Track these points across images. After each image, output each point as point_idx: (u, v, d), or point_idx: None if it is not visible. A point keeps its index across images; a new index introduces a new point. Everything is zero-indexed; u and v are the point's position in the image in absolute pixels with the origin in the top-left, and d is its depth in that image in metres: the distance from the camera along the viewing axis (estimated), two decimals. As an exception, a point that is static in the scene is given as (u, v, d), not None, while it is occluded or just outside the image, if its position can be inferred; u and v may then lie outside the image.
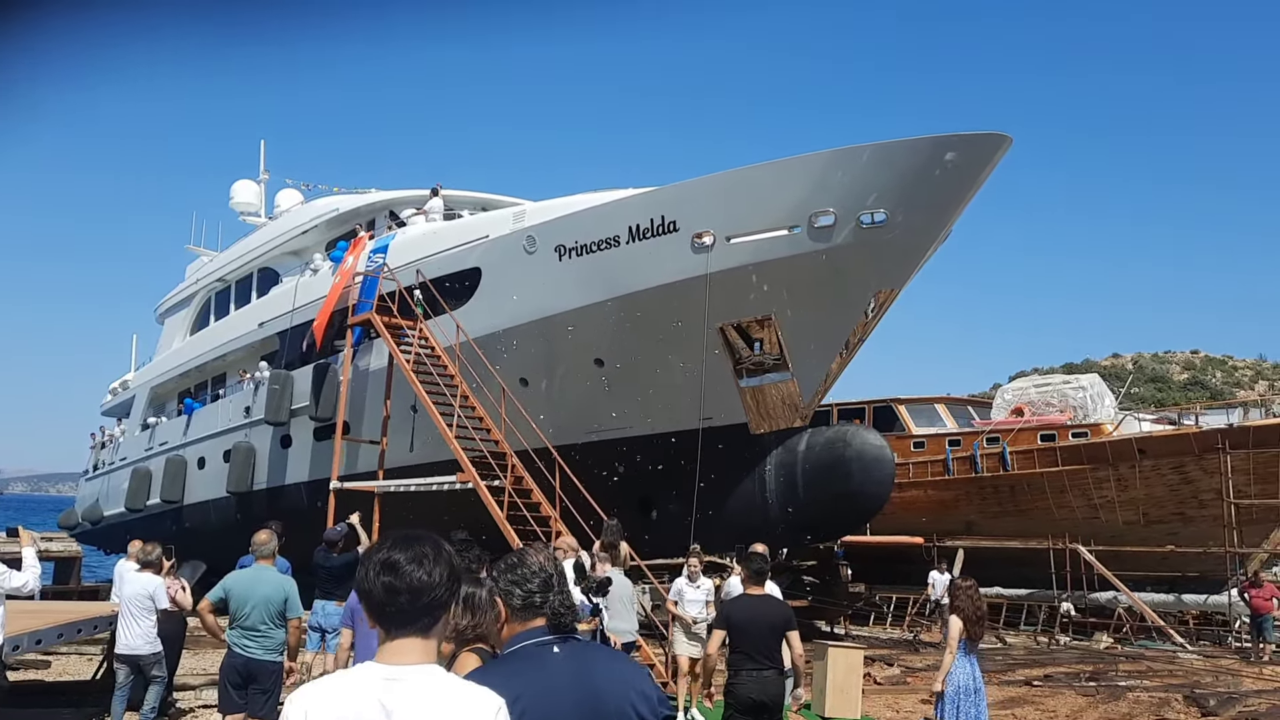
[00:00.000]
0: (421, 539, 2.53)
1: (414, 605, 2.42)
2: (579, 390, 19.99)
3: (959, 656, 8.33)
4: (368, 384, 22.47)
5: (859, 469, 18.88)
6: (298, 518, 22.06)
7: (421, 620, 2.44)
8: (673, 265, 17.93)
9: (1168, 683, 15.26)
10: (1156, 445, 23.72)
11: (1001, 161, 16.91)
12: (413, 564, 2.44)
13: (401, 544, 2.50)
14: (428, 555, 2.47)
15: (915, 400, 28.33)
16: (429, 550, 2.49)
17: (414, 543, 2.51)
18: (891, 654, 18.59)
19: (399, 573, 2.42)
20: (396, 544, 2.50)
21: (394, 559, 2.45)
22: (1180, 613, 23.65)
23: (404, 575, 2.42)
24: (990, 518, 25.53)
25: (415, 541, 2.51)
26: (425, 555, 2.47)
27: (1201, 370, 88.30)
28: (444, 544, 2.55)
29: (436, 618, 2.47)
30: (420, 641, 2.43)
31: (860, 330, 18.48)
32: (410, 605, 2.41)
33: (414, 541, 2.51)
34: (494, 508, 16.68)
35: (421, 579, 2.43)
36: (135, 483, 32.10)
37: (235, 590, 7.77)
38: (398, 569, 2.43)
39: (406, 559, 2.45)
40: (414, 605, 2.42)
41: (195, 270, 33.92)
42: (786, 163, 17.22)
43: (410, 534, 2.55)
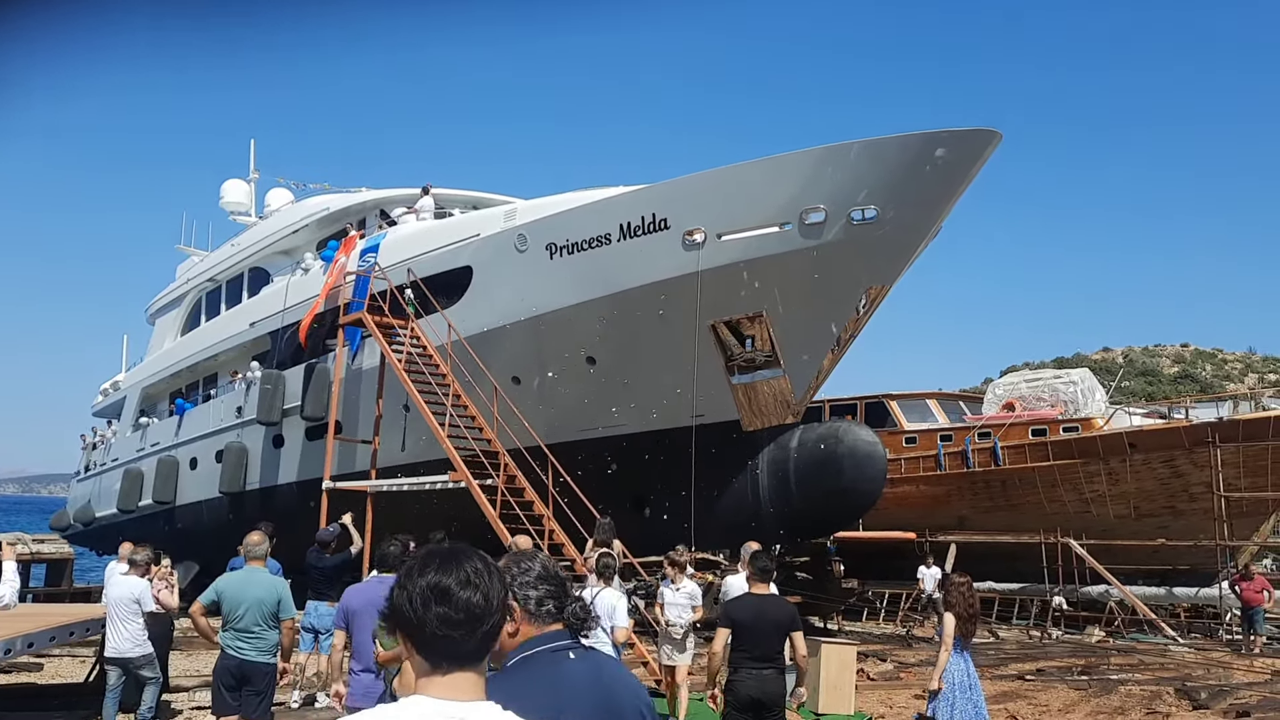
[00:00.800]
0: (467, 554, 2.20)
1: (473, 635, 2.11)
2: (571, 388, 19.99)
3: (953, 652, 8.35)
4: (360, 383, 22.43)
5: (851, 465, 18.92)
6: (290, 518, 22.05)
7: (480, 652, 2.14)
8: (664, 263, 17.95)
9: (1159, 676, 15.33)
10: (1147, 439, 23.80)
11: (992, 156, 16.96)
12: (466, 588, 2.11)
13: (447, 563, 2.15)
14: (481, 573, 2.15)
15: (907, 396, 28.36)
16: (480, 566, 2.17)
17: (460, 560, 2.17)
18: (885, 649, 18.63)
19: (452, 600, 2.09)
20: (443, 564, 2.15)
21: (444, 584, 2.11)
22: (1171, 606, 23.73)
23: (459, 602, 2.09)
24: (982, 512, 25.59)
25: (461, 558, 2.18)
26: (479, 573, 2.15)
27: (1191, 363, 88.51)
28: (488, 556, 2.23)
29: (492, 645, 2.18)
30: (475, 676, 2.13)
31: (852, 326, 18.52)
32: (469, 636, 2.10)
33: (460, 559, 2.18)
34: (487, 506, 16.68)
35: (479, 604, 2.11)
36: (127, 484, 32.03)
37: (228, 592, 7.76)
38: (450, 595, 2.09)
39: (458, 582, 2.12)
40: (473, 635, 2.11)
41: (186, 270, 33.83)
42: (777, 160, 17.24)
43: (452, 550, 2.23)
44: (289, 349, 25.33)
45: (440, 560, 2.17)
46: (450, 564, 2.15)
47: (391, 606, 2.16)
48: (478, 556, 2.20)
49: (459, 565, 2.15)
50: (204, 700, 11.85)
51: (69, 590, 24.50)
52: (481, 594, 2.12)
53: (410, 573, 2.16)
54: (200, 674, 14.24)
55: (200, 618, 7.88)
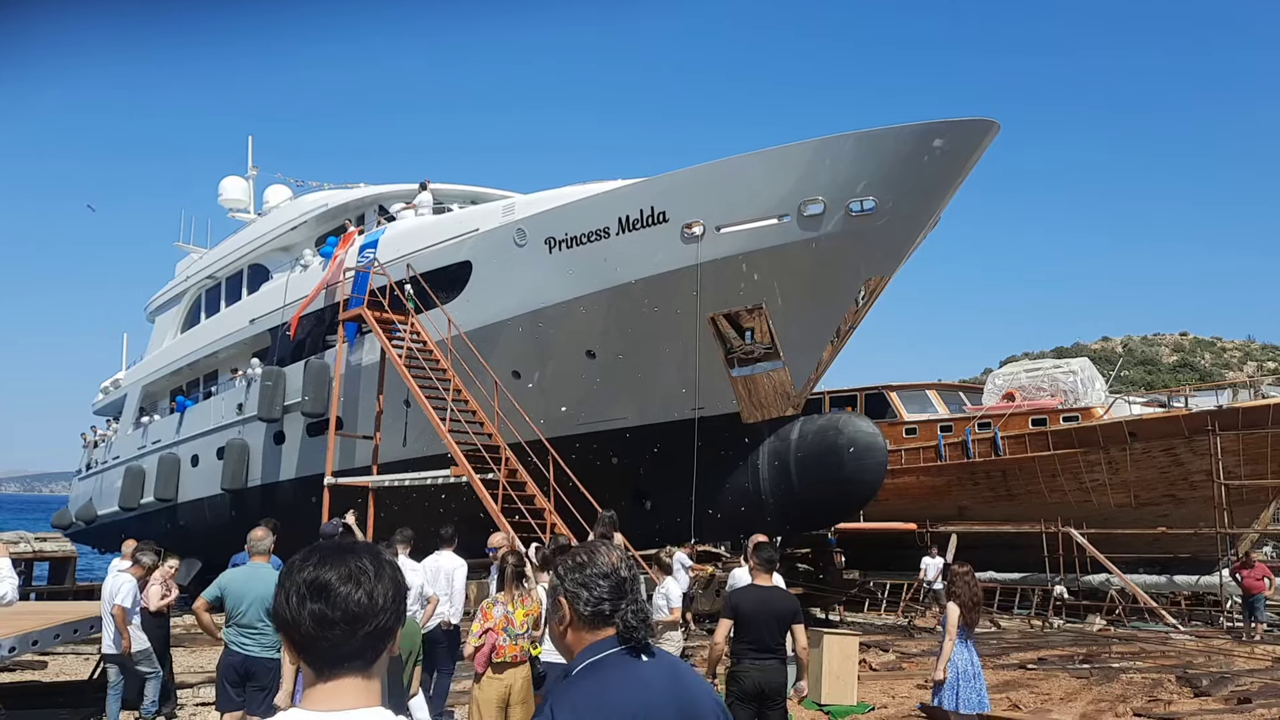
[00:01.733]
0: (355, 550, 2.00)
1: (353, 636, 1.90)
2: (571, 382, 20.01)
3: (957, 642, 8.37)
4: (360, 379, 22.46)
5: (851, 456, 18.95)
6: (292, 514, 22.08)
7: (363, 655, 1.92)
8: (663, 256, 17.96)
9: (1161, 664, 15.36)
10: (1147, 428, 23.82)
11: (990, 146, 16.96)
12: (348, 583, 1.91)
13: (330, 559, 1.95)
14: (366, 571, 1.94)
15: (907, 387, 28.37)
16: (367, 564, 1.95)
17: (346, 555, 1.96)
18: (887, 640, 18.67)
19: (331, 596, 1.89)
20: (324, 559, 1.95)
21: (323, 579, 1.91)
22: (1172, 594, 23.76)
23: (338, 599, 1.89)
24: (983, 503, 25.62)
25: (347, 554, 1.97)
26: (363, 571, 1.93)
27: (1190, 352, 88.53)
28: (383, 554, 2.03)
29: (380, 649, 1.96)
30: (362, 681, 1.93)
31: (851, 318, 18.54)
32: (348, 637, 1.89)
33: (346, 554, 1.97)
34: (488, 500, 16.72)
35: (361, 602, 1.90)
36: (129, 481, 32.07)
37: (231, 588, 7.79)
38: (329, 591, 1.90)
39: (339, 577, 1.91)
40: (353, 636, 1.90)
41: (185, 268, 33.84)
42: (775, 152, 17.24)
43: (341, 544, 2.03)
44: (289, 345, 25.37)
45: (323, 554, 1.97)
46: (334, 558, 1.95)
47: (273, 606, 1.98)
48: (370, 553, 2.00)
49: (343, 560, 1.95)
50: (208, 696, 11.90)
51: (72, 588, 24.55)
52: (365, 591, 1.91)
53: (291, 568, 1.98)
54: (204, 670, 14.28)
55: (204, 613, 7.91)
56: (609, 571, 2.66)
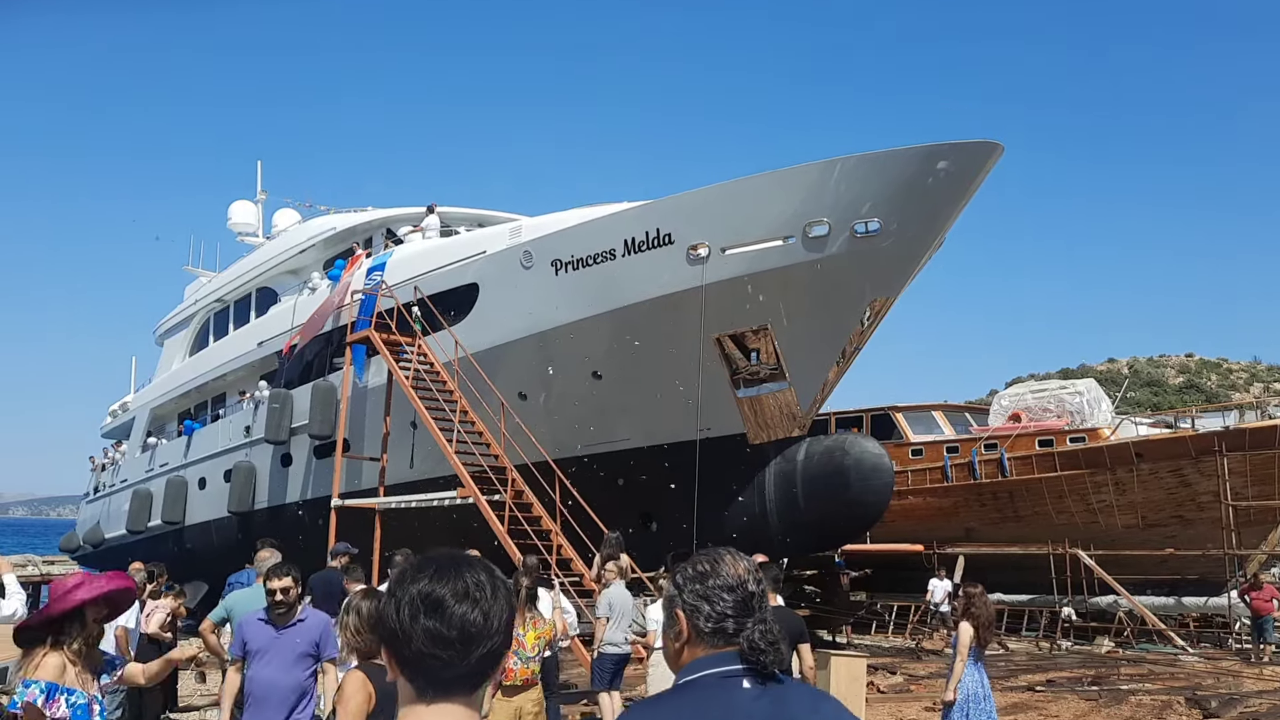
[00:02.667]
0: (471, 564, 1.88)
1: (465, 658, 1.79)
2: (577, 403, 20.06)
3: (968, 664, 8.32)
4: (367, 401, 22.53)
5: (858, 477, 18.92)
6: (299, 536, 22.12)
7: (472, 678, 1.82)
8: (668, 277, 18.02)
9: (1170, 685, 15.31)
10: (1154, 449, 23.77)
11: (994, 168, 17.03)
12: (464, 601, 1.80)
13: (445, 572, 1.84)
14: (482, 588, 1.83)
15: (912, 408, 28.36)
16: (483, 580, 1.85)
17: (461, 569, 1.86)
18: (894, 662, 18.62)
19: (445, 613, 1.78)
20: (439, 572, 1.84)
21: (438, 594, 1.80)
22: (1180, 616, 23.67)
23: (452, 617, 1.78)
24: (989, 524, 25.55)
25: (463, 568, 1.86)
26: (479, 588, 1.83)
27: (1196, 373, 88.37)
28: (496, 570, 1.92)
29: (490, 673, 1.85)
30: (464, 709, 1.82)
31: (856, 339, 18.57)
32: (460, 658, 1.78)
33: (461, 568, 1.86)
34: (495, 522, 16.74)
35: (476, 621, 1.79)
36: (136, 504, 32.13)
37: (237, 609, 7.82)
38: (443, 608, 1.78)
39: (454, 594, 1.80)
40: (465, 658, 1.79)
41: (194, 291, 34.03)
42: (780, 174, 17.33)
43: (454, 555, 1.91)
44: (296, 368, 25.47)
45: (437, 567, 1.86)
46: (448, 572, 1.84)
47: (378, 615, 1.88)
48: (483, 567, 1.90)
49: (458, 574, 1.84)
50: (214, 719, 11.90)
51: (79, 611, 24.52)
52: (481, 611, 1.80)
53: (402, 578, 1.87)
54: (210, 694, 14.29)
55: (210, 635, 7.93)
56: (735, 584, 2.37)
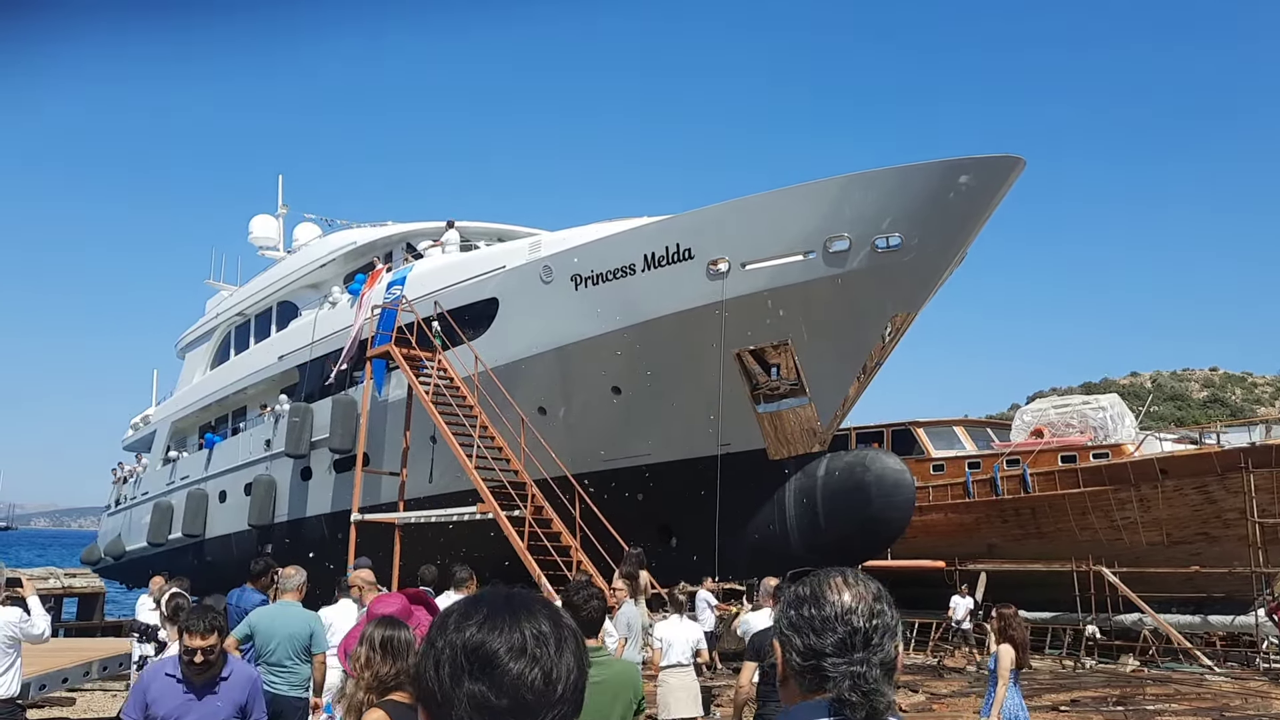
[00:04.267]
0: (530, 608, 1.48)
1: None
2: (597, 418, 20.03)
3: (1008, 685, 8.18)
4: (387, 415, 22.57)
5: (879, 493, 18.81)
6: (319, 550, 22.15)
7: None
8: (688, 292, 18.01)
9: (1196, 706, 15.10)
10: (1179, 465, 23.53)
11: (1016, 183, 16.96)
12: (520, 658, 1.41)
13: (499, 618, 1.45)
14: (544, 640, 1.44)
15: (934, 423, 28.19)
16: (545, 629, 1.45)
17: (519, 615, 1.46)
18: (916, 680, 18.44)
19: (497, 674, 1.40)
20: (492, 618, 1.45)
21: (489, 647, 1.42)
22: (1206, 634, 23.37)
23: (506, 680, 1.40)
24: (1012, 540, 25.32)
25: (520, 613, 1.47)
26: (541, 640, 1.44)
27: (1221, 387, 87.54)
28: (565, 616, 1.51)
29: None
30: None
31: (877, 354, 18.49)
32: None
33: (519, 613, 1.47)
34: (514, 538, 16.72)
35: (536, 685, 1.41)
36: (157, 517, 32.30)
37: (260, 626, 7.80)
38: (495, 667, 1.40)
39: (509, 648, 1.42)
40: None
41: (215, 305, 34.24)
42: (801, 189, 17.31)
43: (511, 597, 1.51)
44: (317, 381, 25.56)
45: (489, 610, 1.47)
46: (504, 618, 1.45)
47: (415, 671, 1.51)
48: (548, 612, 1.49)
49: (515, 622, 1.44)
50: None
51: (100, 624, 24.64)
52: (542, 671, 1.41)
53: (443, 624, 1.48)
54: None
55: (234, 651, 7.92)
56: (837, 615, 1.95)
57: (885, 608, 2.01)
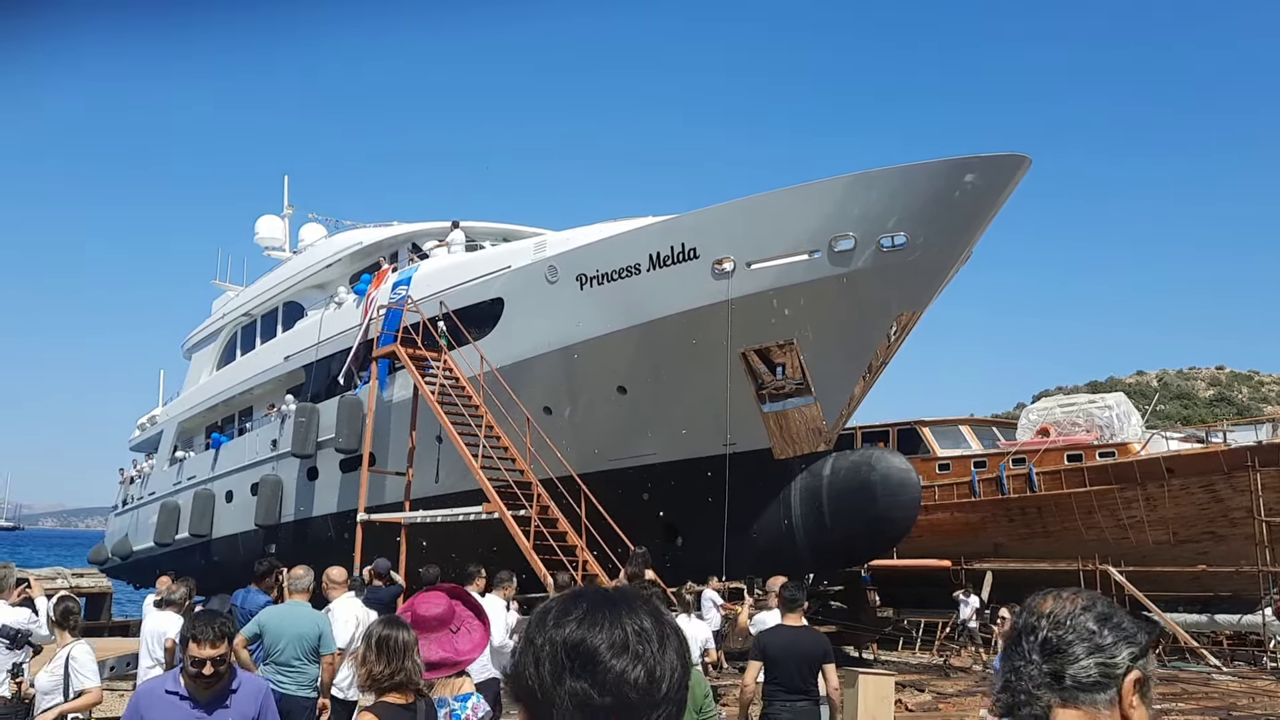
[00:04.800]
0: (632, 604, 1.45)
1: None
2: (602, 418, 20.05)
3: None
4: (393, 415, 22.60)
5: (884, 493, 18.80)
6: (325, 550, 22.18)
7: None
8: (694, 292, 18.01)
9: (1204, 705, 15.07)
10: (1185, 464, 23.49)
11: (1022, 181, 16.94)
12: (623, 655, 1.37)
13: (601, 613, 1.42)
14: (647, 637, 1.40)
15: (939, 422, 28.16)
16: (648, 626, 1.42)
17: (620, 611, 1.42)
18: (922, 679, 18.43)
19: (599, 671, 1.36)
20: (592, 614, 1.42)
21: (590, 644, 1.38)
22: (1213, 633, 23.33)
23: (609, 677, 1.36)
24: (1018, 539, 25.30)
25: (622, 609, 1.43)
26: (644, 637, 1.40)
27: (1227, 386, 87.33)
28: (666, 613, 1.48)
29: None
30: None
31: (883, 353, 18.48)
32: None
33: (620, 609, 1.43)
34: (520, 537, 16.74)
35: (639, 683, 1.37)
36: (164, 517, 32.37)
37: (269, 626, 7.82)
38: (596, 664, 1.37)
39: (611, 645, 1.38)
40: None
41: (221, 305, 34.31)
42: (806, 188, 17.31)
43: (612, 594, 1.47)
44: (323, 381, 25.61)
45: (589, 606, 1.43)
46: (603, 614, 1.41)
47: (513, 669, 1.45)
48: (649, 609, 1.45)
49: (617, 618, 1.41)
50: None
51: (108, 624, 24.68)
52: (645, 669, 1.37)
53: (542, 620, 1.45)
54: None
55: (243, 651, 7.94)
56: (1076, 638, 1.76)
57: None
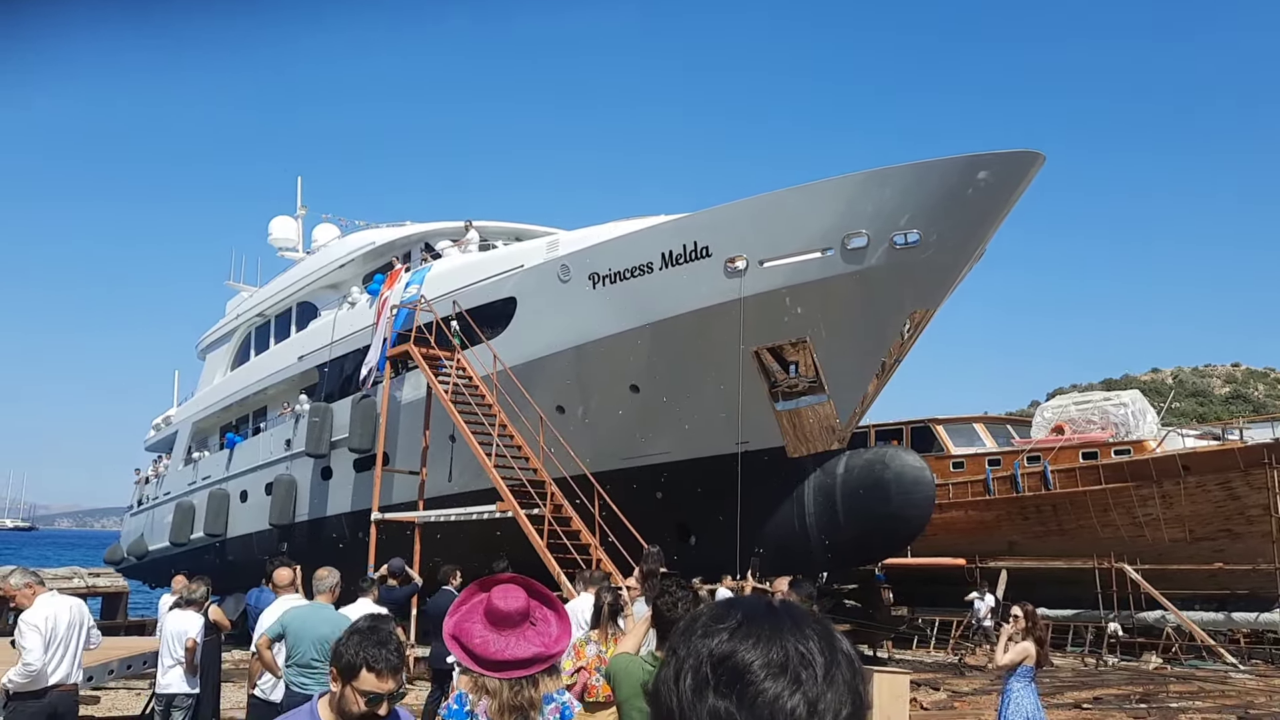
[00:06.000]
0: (798, 621, 1.24)
1: None
2: (615, 417, 20.04)
3: (1024, 684, 8.25)
4: (407, 415, 22.65)
5: (898, 491, 18.76)
6: (339, 549, 22.26)
7: None
8: (706, 290, 17.99)
9: (1221, 704, 14.99)
10: (1201, 461, 23.38)
11: (1035, 178, 16.86)
12: (780, 677, 1.17)
13: (758, 628, 1.21)
14: (810, 661, 1.19)
15: (953, 420, 28.09)
16: (813, 649, 1.20)
17: (782, 627, 1.22)
18: (937, 678, 18.38)
19: (748, 693, 1.16)
20: (747, 625, 1.22)
21: (743, 660, 1.18)
22: (1230, 631, 23.21)
23: (760, 702, 1.15)
24: (1033, 538, 25.22)
25: (784, 625, 1.22)
26: (806, 661, 1.19)
27: (1243, 383, 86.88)
28: (839, 636, 1.25)
29: None
30: None
31: (896, 351, 18.42)
32: None
33: (781, 625, 1.22)
34: (534, 536, 16.75)
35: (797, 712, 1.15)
36: (179, 517, 32.53)
37: (292, 626, 7.79)
38: (746, 683, 1.17)
39: (767, 664, 1.18)
40: None
41: (235, 306, 34.44)
42: (818, 185, 17.26)
43: (776, 607, 1.27)
44: (336, 381, 25.68)
45: (744, 617, 1.24)
46: (763, 628, 1.21)
47: (652, 684, 1.27)
48: (818, 629, 1.24)
49: (777, 634, 1.20)
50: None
51: (124, 623, 24.80)
52: (805, 698, 1.16)
53: (690, 629, 1.26)
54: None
55: (266, 650, 7.93)
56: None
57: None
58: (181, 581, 12.08)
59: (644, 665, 4.69)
